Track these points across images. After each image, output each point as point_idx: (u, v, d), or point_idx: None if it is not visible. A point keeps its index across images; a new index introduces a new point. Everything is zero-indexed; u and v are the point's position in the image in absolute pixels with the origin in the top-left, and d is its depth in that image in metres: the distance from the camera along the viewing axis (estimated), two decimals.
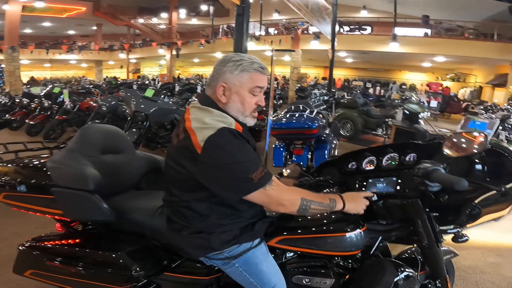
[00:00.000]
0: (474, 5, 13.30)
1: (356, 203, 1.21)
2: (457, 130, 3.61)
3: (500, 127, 5.83)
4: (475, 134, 1.18)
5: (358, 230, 1.21)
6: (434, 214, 1.26)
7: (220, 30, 19.59)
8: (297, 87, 13.70)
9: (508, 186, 1.11)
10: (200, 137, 1.03)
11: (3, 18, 12.48)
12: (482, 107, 9.60)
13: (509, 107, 8.71)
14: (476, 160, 1.20)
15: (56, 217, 1.38)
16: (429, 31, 14.68)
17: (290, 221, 1.30)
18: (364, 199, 1.23)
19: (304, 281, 1.25)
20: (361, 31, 16.13)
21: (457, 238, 1.28)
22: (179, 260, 1.24)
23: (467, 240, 1.28)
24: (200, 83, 12.76)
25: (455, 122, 9.40)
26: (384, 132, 6.79)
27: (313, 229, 1.24)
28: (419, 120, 5.55)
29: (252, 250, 1.17)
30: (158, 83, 13.97)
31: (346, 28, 16.08)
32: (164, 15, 20.94)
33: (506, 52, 11.93)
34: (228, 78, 1.11)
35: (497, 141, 3.99)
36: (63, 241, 1.32)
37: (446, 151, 1.19)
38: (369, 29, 16.37)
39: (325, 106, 6.09)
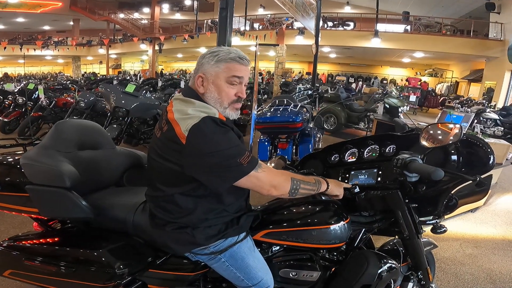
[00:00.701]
0: (452, 1, 13.69)
1: (338, 186, 1.27)
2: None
3: (475, 121, 6.08)
4: (451, 125, 1.21)
5: (342, 222, 1.23)
6: (414, 205, 1.29)
7: (205, 25, 19.33)
8: (281, 82, 13.78)
9: (483, 176, 1.15)
10: (184, 127, 1.02)
11: None
12: (458, 102, 9.96)
13: (484, 101, 9.06)
14: (452, 151, 1.24)
15: (32, 215, 1.32)
16: (409, 27, 15.02)
17: (275, 215, 1.30)
18: (343, 188, 1.28)
19: (291, 274, 1.26)
20: (344, 27, 16.32)
21: (436, 229, 1.32)
22: (164, 256, 1.22)
23: (445, 231, 1.32)
24: (184, 78, 12.57)
25: (433, 116, 9.71)
26: (366, 126, 6.93)
27: (298, 222, 1.24)
28: (399, 114, 5.70)
29: (238, 245, 1.17)
30: (140, 78, 13.67)
31: (330, 23, 16.22)
32: (146, 9, 20.42)
33: (482, 48, 12.39)
34: (206, 68, 1.12)
35: (472, 133, 4.14)
36: (41, 240, 1.27)
37: (423, 142, 1.22)
38: (352, 24, 16.57)
39: (309, 101, 6.12)
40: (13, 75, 21.51)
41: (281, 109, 3.71)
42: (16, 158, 1.37)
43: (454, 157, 1.23)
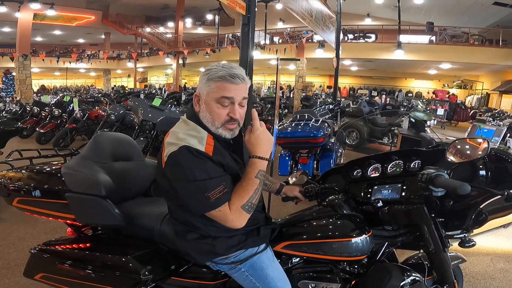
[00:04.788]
0: (478, 11, 13.29)
1: (263, 148, 1.10)
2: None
3: (508, 134, 5.77)
4: (479, 140, 1.20)
5: (363, 236, 1.23)
6: (440, 219, 1.27)
7: (226, 39, 19.86)
8: (302, 96, 13.75)
9: None
10: (166, 152, 1.07)
11: (15, 26, 12.68)
12: (489, 114, 9.52)
13: None
14: (480, 166, 1.21)
15: (68, 221, 1.41)
16: (434, 38, 14.67)
17: (296, 227, 1.32)
18: (270, 139, 1.12)
19: (310, 286, 1.27)
20: (365, 39, 16.20)
21: (464, 243, 1.28)
22: (186, 265, 1.26)
23: (474, 245, 1.28)
24: None
25: (463, 130, 9.32)
26: (390, 141, 6.75)
27: (319, 234, 1.25)
28: (425, 128, 5.52)
29: (258, 255, 1.19)
30: (164, 92, 14.15)
31: (351, 36, 16.16)
32: (170, 24, 21.33)
33: None
34: (200, 87, 1.11)
35: (504, 148, 3.95)
36: (74, 245, 1.35)
37: (450, 157, 1.20)
38: (373, 36, 16.43)
39: (330, 115, 6.08)
40: (49, 87, 22.90)
41: (302, 124, 3.73)
42: (54, 167, 1.48)
43: (483, 172, 1.21)
